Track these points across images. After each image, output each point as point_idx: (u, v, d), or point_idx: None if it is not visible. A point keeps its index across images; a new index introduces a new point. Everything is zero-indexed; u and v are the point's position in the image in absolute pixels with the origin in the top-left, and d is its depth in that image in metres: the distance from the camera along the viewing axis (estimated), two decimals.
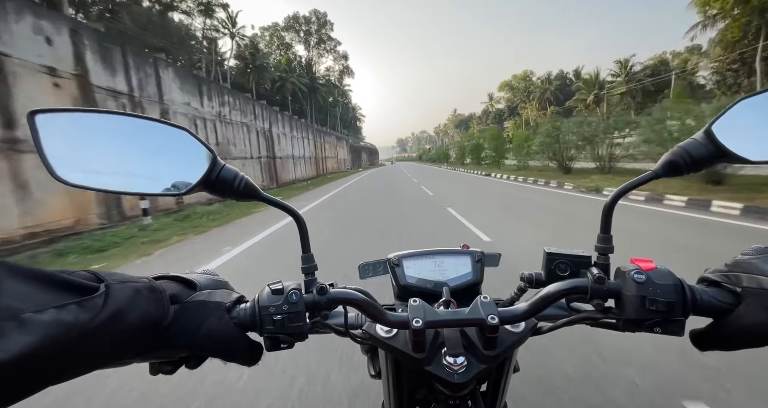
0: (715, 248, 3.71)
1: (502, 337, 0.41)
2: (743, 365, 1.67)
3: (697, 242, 4.02)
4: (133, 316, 0.29)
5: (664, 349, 1.81)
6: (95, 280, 0.28)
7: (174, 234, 5.83)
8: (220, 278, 0.42)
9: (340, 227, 5.80)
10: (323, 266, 0.46)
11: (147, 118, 0.36)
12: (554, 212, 6.75)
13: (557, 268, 0.47)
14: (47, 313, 0.24)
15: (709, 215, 5.61)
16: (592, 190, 9.54)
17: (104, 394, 1.64)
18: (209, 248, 4.67)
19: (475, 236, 4.68)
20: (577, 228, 5.02)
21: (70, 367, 0.26)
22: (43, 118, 0.31)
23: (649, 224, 5.11)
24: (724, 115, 0.37)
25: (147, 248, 4.93)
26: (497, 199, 9.09)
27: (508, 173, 18.20)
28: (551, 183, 12.20)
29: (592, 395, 1.53)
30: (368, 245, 4.39)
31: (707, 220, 5.26)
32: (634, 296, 0.37)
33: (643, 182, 0.40)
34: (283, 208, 0.42)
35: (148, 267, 3.99)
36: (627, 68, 41.09)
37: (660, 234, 4.49)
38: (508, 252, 2.34)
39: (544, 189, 11.29)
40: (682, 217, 5.57)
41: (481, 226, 5.23)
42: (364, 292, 0.43)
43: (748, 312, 0.34)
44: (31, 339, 0.22)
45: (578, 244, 0.49)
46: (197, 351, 0.35)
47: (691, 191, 7.14)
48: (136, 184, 0.36)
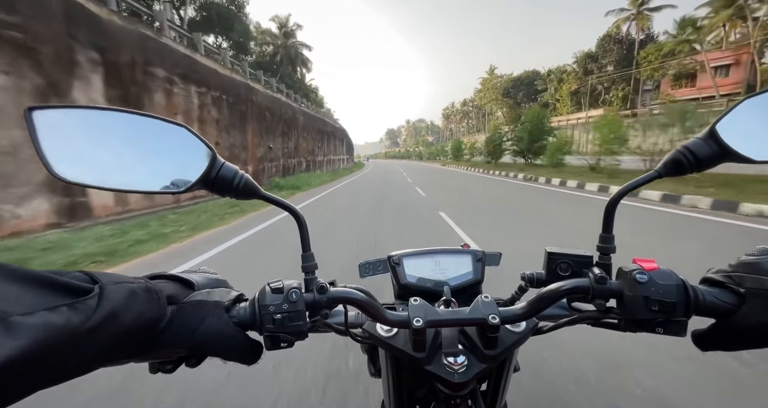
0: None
1: (503, 337, 0.41)
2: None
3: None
4: (128, 318, 0.28)
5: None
6: (89, 282, 0.28)
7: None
8: (218, 277, 0.42)
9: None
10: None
11: (146, 115, 0.35)
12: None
13: (558, 268, 0.47)
14: (37, 316, 0.23)
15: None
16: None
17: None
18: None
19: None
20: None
21: (63, 370, 0.26)
22: (40, 115, 0.31)
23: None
24: (729, 114, 0.37)
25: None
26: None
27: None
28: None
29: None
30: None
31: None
32: (636, 296, 0.36)
33: (645, 182, 0.40)
34: (282, 206, 0.41)
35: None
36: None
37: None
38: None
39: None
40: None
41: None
42: (364, 291, 0.43)
43: (751, 313, 0.34)
44: (19, 343, 0.21)
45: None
46: (196, 351, 0.35)
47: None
48: (134, 181, 0.36)
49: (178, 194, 0.41)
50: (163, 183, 0.36)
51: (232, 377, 1.69)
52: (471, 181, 15.21)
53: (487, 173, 19.76)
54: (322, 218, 6.34)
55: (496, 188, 11.55)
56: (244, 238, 4.82)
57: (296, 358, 1.83)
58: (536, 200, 8.25)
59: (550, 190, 10.33)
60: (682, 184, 8.08)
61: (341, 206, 8.15)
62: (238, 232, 5.21)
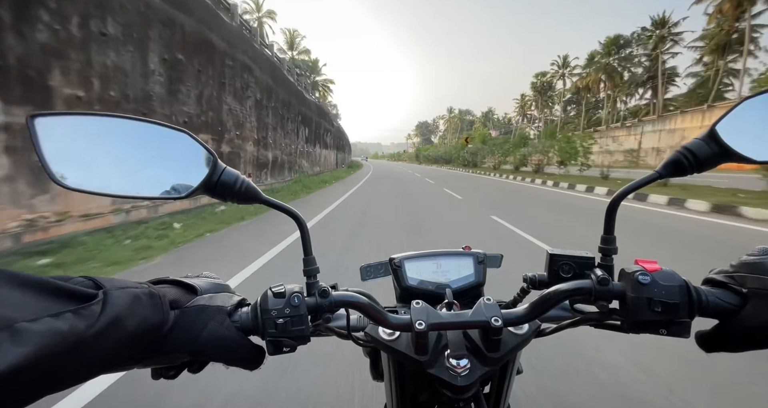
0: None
1: (506, 339, 0.41)
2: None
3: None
4: (132, 323, 0.28)
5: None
6: (93, 287, 0.28)
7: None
8: (220, 281, 0.42)
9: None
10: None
11: (147, 121, 0.35)
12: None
13: (560, 270, 0.47)
14: (42, 322, 0.23)
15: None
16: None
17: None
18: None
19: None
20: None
21: (67, 376, 0.26)
22: (42, 122, 0.31)
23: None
24: (729, 115, 0.37)
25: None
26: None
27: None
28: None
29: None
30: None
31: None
32: (638, 298, 0.36)
33: (646, 183, 0.40)
34: (284, 210, 0.41)
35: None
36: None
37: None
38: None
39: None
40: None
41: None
42: (366, 294, 0.43)
43: (754, 313, 0.34)
44: (24, 350, 0.21)
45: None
46: (199, 356, 0.35)
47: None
48: (136, 187, 0.36)
49: (180, 200, 0.41)
50: (165, 188, 0.36)
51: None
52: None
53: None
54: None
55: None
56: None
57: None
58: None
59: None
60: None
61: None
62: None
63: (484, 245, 2.91)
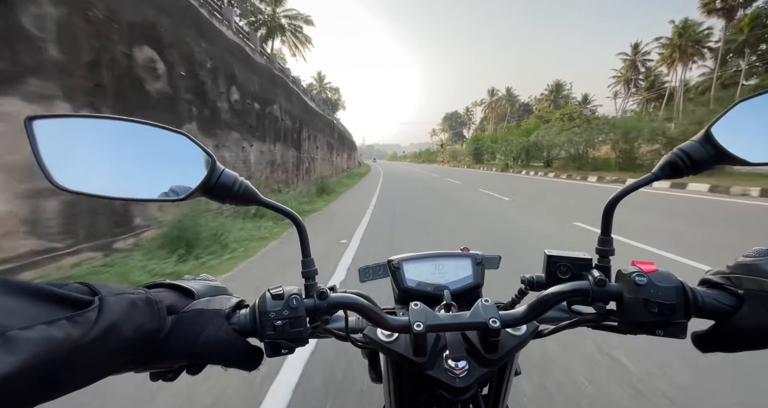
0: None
1: (504, 341, 0.41)
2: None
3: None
4: (128, 330, 0.28)
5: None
6: (89, 293, 0.28)
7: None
8: (218, 284, 0.42)
9: None
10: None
11: (145, 123, 0.35)
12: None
13: (558, 271, 0.47)
14: (36, 330, 0.22)
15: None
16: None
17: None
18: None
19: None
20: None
21: (63, 383, 0.25)
22: (40, 124, 0.31)
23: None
24: (724, 117, 0.37)
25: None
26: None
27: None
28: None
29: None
30: None
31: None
32: (635, 299, 0.36)
33: (642, 184, 0.40)
34: (282, 212, 0.41)
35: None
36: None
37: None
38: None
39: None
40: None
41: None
42: (364, 296, 0.43)
43: (750, 314, 0.34)
44: (18, 358, 0.21)
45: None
46: (197, 359, 0.35)
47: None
48: (135, 189, 0.36)
49: (179, 202, 0.41)
50: (163, 190, 0.36)
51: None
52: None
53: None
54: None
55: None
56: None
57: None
58: None
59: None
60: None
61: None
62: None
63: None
